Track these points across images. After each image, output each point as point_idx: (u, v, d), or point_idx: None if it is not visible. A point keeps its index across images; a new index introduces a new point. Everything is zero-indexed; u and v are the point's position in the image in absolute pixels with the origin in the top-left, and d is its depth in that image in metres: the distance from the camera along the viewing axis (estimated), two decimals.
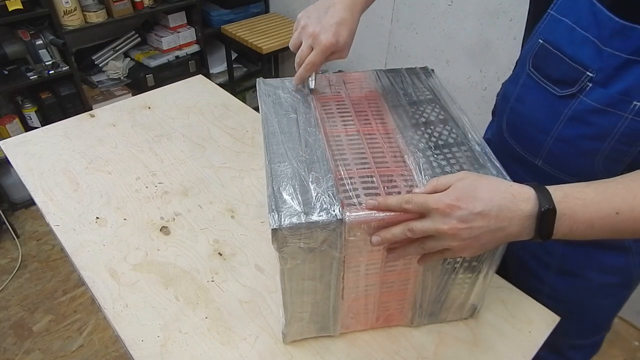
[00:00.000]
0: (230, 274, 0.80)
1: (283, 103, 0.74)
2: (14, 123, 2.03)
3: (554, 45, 0.65)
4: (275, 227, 0.53)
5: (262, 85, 0.79)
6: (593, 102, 0.61)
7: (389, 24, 2.10)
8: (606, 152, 0.63)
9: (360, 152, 0.64)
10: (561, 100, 0.65)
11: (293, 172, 0.60)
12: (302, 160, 0.62)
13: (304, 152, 0.63)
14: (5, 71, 1.94)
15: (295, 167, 0.60)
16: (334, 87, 0.79)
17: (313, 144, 0.65)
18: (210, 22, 2.53)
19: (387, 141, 0.66)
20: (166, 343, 0.69)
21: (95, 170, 1.01)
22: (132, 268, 0.80)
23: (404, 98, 0.76)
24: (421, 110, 0.73)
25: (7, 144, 1.09)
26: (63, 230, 0.87)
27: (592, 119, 0.62)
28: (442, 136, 0.67)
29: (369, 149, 0.64)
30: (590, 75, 0.61)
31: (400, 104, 0.74)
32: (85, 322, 1.75)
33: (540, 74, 0.68)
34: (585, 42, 0.60)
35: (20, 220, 2.19)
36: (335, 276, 0.60)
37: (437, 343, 0.70)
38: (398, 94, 0.77)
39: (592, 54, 0.60)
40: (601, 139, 0.63)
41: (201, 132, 1.14)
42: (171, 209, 0.92)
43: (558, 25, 0.64)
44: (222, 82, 2.65)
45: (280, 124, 0.69)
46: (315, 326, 0.68)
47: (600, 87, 0.60)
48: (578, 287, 0.80)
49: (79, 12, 2.00)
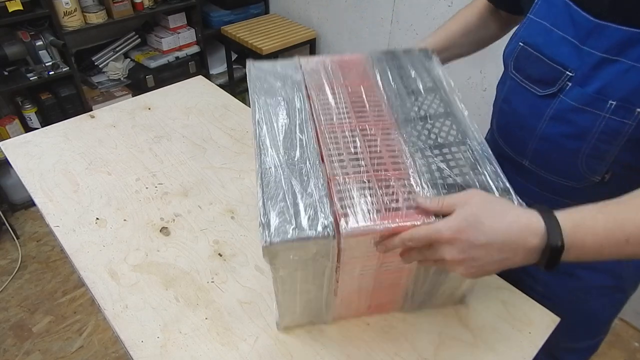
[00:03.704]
0: (230, 275, 0.80)
1: (275, 92, 0.70)
2: (14, 124, 2.03)
3: (534, 47, 0.66)
4: (266, 245, 0.50)
5: (252, 70, 0.75)
6: (572, 102, 0.62)
7: (389, 25, 2.10)
8: (588, 151, 0.64)
9: (356, 152, 0.61)
10: (543, 100, 0.67)
11: (285, 178, 0.57)
12: (294, 163, 0.59)
13: (296, 153, 0.60)
14: (5, 72, 1.94)
15: (287, 172, 0.58)
16: (328, 73, 0.74)
17: (306, 143, 0.62)
18: (210, 23, 2.53)
19: (385, 138, 0.63)
20: (166, 344, 0.69)
21: (95, 171, 1.01)
22: (132, 269, 0.80)
23: (402, 87, 0.72)
24: (420, 100, 0.70)
25: (7, 144, 1.09)
26: (63, 231, 0.87)
27: (573, 118, 0.63)
28: (441, 133, 0.65)
29: (367, 148, 0.61)
30: (569, 75, 0.62)
31: (399, 93, 0.71)
32: (85, 323, 1.75)
33: (522, 75, 0.70)
34: (563, 43, 0.62)
35: (20, 221, 2.19)
36: (328, 279, 0.60)
37: (437, 344, 0.70)
38: (397, 82, 0.73)
39: (570, 54, 0.61)
40: (582, 137, 0.64)
41: (201, 132, 1.14)
42: (171, 210, 0.92)
43: (537, 28, 0.66)
44: (222, 83, 2.65)
45: (272, 119, 0.65)
46: (308, 317, 0.69)
47: (579, 87, 0.61)
48: (570, 286, 0.80)
49: (79, 13, 2.00)
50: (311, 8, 2.46)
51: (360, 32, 2.25)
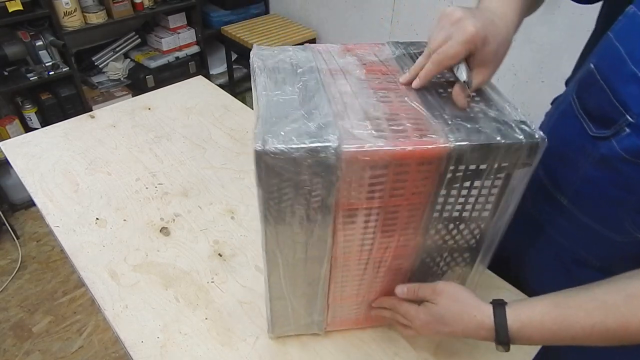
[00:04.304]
0: (230, 275, 0.80)
1: (280, 69, 0.61)
2: (14, 124, 2.03)
3: (602, 73, 0.57)
4: (259, 148, 0.44)
5: (256, 52, 0.65)
6: (623, 151, 0.55)
7: (389, 25, 2.10)
8: (634, 205, 0.58)
9: (369, 99, 0.54)
10: (593, 140, 0.59)
11: (287, 102, 0.51)
12: (298, 102, 0.52)
13: (300, 95, 0.54)
14: (6, 72, 1.94)
15: (291, 102, 0.51)
16: (340, 58, 0.65)
17: (313, 88, 0.55)
18: (210, 23, 2.53)
19: (402, 100, 0.55)
20: (166, 344, 0.69)
21: (95, 171, 1.01)
22: (132, 269, 0.80)
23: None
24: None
25: (7, 145, 1.09)
26: (63, 231, 0.87)
27: (622, 167, 0.56)
28: None
29: (381, 102, 0.54)
30: (629, 120, 0.53)
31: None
32: (85, 323, 1.75)
33: (580, 103, 0.62)
34: (633, 80, 0.52)
35: (20, 221, 2.19)
36: (323, 276, 0.60)
37: (436, 344, 0.70)
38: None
39: (638, 96, 0.52)
40: (629, 190, 0.57)
41: (201, 133, 1.14)
42: (171, 210, 0.92)
43: (611, 52, 0.56)
44: (222, 83, 2.65)
45: (276, 84, 0.57)
46: (300, 325, 0.68)
47: (635, 136, 0.53)
48: (570, 287, 0.79)
49: (79, 13, 2.00)
50: (311, 8, 2.47)
51: (361, 32, 2.25)
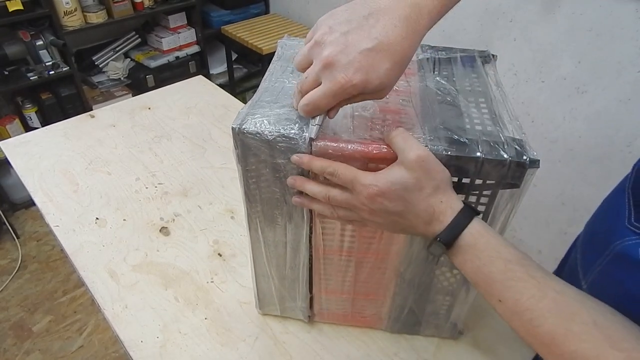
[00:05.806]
0: (229, 275, 0.80)
1: None
2: (14, 123, 2.03)
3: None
4: (234, 126, 0.47)
5: (283, 42, 0.66)
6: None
7: None
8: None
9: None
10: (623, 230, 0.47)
11: (284, 90, 0.54)
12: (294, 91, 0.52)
13: None
14: (6, 72, 1.94)
15: (288, 90, 0.54)
16: None
17: None
18: (211, 22, 2.53)
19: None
20: (166, 344, 0.69)
21: (95, 171, 1.01)
22: (131, 269, 0.80)
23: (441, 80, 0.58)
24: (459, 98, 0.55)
25: (7, 144, 1.09)
26: (63, 230, 0.87)
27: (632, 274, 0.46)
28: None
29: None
30: None
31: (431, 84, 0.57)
32: (85, 323, 1.75)
33: (635, 184, 0.49)
34: None
35: (20, 221, 2.19)
36: (302, 263, 0.60)
37: (437, 345, 0.70)
38: (434, 76, 0.59)
39: None
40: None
41: (201, 132, 1.14)
42: (171, 210, 0.92)
43: None
44: (222, 83, 2.65)
45: (283, 72, 0.59)
46: (285, 307, 0.69)
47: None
48: None
49: (79, 12, 2.00)
50: (311, 8, 2.46)
51: None
